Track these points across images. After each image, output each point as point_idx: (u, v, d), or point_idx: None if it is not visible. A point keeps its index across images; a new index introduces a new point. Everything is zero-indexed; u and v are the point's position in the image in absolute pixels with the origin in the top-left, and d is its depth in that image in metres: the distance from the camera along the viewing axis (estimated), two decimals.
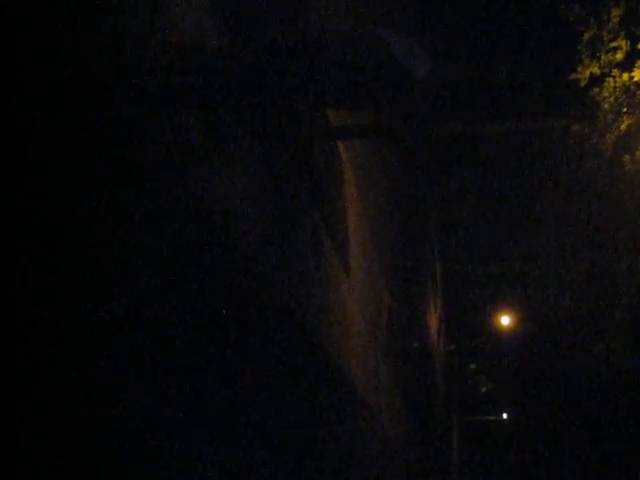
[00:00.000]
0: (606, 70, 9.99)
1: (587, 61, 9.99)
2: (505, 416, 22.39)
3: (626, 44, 9.95)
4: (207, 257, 3.32)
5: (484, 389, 22.24)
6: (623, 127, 9.77)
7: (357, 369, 7.32)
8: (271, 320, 4.46)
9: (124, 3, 2.56)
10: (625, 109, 9.80)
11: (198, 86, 3.06)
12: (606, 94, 9.83)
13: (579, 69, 10.08)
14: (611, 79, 9.95)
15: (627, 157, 9.82)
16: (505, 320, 19.50)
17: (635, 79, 9.57)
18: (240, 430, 3.92)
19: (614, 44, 10.00)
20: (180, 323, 3.12)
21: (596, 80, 10.18)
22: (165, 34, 2.89)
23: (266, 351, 4.41)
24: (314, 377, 5.64)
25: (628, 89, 9.80)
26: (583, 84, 10.19)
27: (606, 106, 9.84)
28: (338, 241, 6.60)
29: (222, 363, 3.68)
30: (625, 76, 9.87)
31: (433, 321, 16.05)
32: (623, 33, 10.03)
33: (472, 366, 21.79)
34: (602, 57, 9.95)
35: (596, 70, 9.97)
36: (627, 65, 10.03)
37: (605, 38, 10.08)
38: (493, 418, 22.44)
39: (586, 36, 10.03)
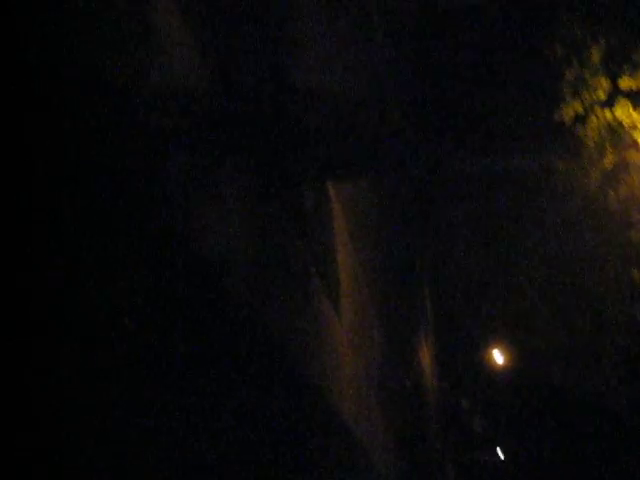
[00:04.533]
0: (589, 108, 10.17)
1: (570, 100, 10.18)
2: (500, 454, 22.23)
3: (608, 83, 10.15)
4: (194, 302, 3.36)
5: (479, 428, 22.11)
6: (607, 164, 9.92)
7: (350, 407, 7.31)
8: (261, 362, 4.48)
9: (111, 47, 2.62)
10: (609, 147, 9.95)
11: (185, 129, 3.13)
12: (590, 132, 9.99)
13: (562, 108, 10.26)
14: (594, 117, 10.13)
15: (612, 194, 9.96)
16: (499, 356, 19.48)
17: (618, 117, 9.74)
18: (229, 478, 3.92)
19: (596, 83, 10.19)
20: (169, 366, 3.14)
21: (580, 118, 10.36)
22: (155, 79, 2.95)
23: (257, 393, 4.42)
24: (305, 418, 5.64)
25: (612, 127, 9.96)
26: (567, 122, 10.36)
27: (590, 144, 9.99)
28: (328, 279, 6.65)
29: (214, 405, 3.70)
30: (608, 114, 10.04)
31: (425, 358, 16.03)
32: (604, 72, 10.23)
33: (465, 403, 21.67)
34: (585, 96, 10.13)
35: (579, 109, 10.15)
36: (610, 103, 10.22)
37: (587, 77, 10.28)
38: (489, 457, 22.27)
39: (568, 75, 10.23)
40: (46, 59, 2.22)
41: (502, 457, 22.12)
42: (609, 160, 9.89)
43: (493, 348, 19.45)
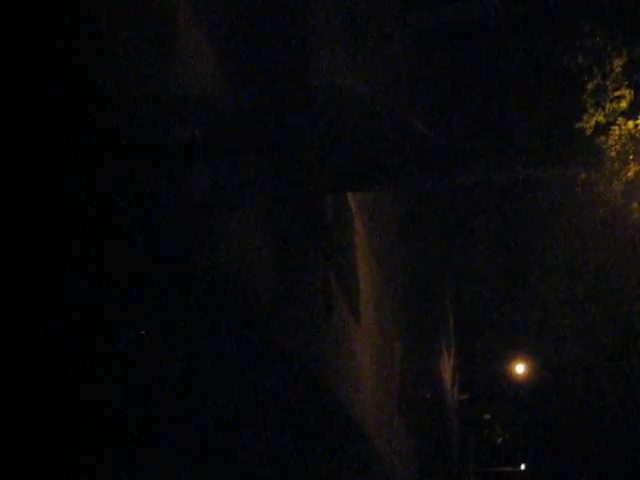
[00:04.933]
0: (611, 119, 10.11)
1: (592, 110, 10.13)
2: (522, 467, 22.01)
3: (630, 93, 10.09)
4: (218, 314, 3.37)
5: (500, 439, 21.91)
6: (630, 174, 9.84)
7: (370, 419, 7.28)
8: (283, 373, 4.48)
9: (131, 58, 2.64)
10: (631, 157, 9.88)
11: (204, 141, 3.15)
12: (612, 142, 9.91)
13: (584, 118, 10.21)
14: (616, 127, 10.06)
15: (635, 205, 9.87)
16: (520, 368, 19.33)
17: (637, 128, 9.68)
18: None
19: (618, 93, 10.14)
20: (195, 378, 3.15)
21: (602, 128, 10.30)
22: (174, 90, 2.97)
23: (279, 404, 4.42)
24: (327, 429, 5.63)
25: (634, 137, 9.89)
26: (589, 133, 10.31)
27: (612, 154, 9.91)
28: (349, 292, 6.64)
29: (237, 418, 3.70)
30: (630, 124, 9.98)
31: (447, 370, 15.94)
32: (626, 82, 10.18)
33: (487, 416, 21.49)
34: (607, 106, 10.08)
35: (601, 119, 10.10)
36: (632, 113, 10.15)
37: (609, 87, 10.23)
38: (510, 469, 22.06)
39: (590, 86, 10.19)
40: (69, 71, 2.24)
41: (523, 468, 21.92)
42: (632, 170, 9.81)
43: (515, 359, 19.31)
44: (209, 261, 3.25)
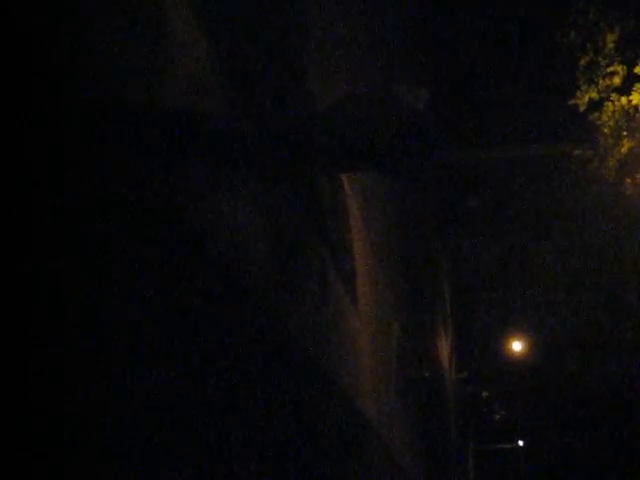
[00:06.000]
0: (604, 95, 10.12)
1: (585, 86, 10.13)
2: (521, 443, 22.19)
3: (623, 69, 10.09)
4: (212, 299, 3.36)
5: (498, 416, 22.09)
6: (624, 150, 9.86)
7: (369, 400, 7.32)
8: (279, 355, 4.49)
9: (126, 58, 2.63)
10: (625, 132, 9.90)
11: (204, 142, 3.13)
12: (605, 118, 9.94)
13: (577, 94, 10.22)
14: (610, 103, 10.07)
15: (628, 181, 9.91)
16: (517, 346, 19.43)
17: (633, 102, 9.69)
18: (248, 473, 3.93)
19: (611, 69, 10.14)
20: (186, 364, 3.15)
21: (595, 105, 10.31)
22: (168, 99, 2.95)
23: (276, 389, 4.43)
24: (325, 411, 5.65)
25: (627, 113, 9.91)
26: (582, 109, 10.32)
27: (606, 130, 9.94)
28: (345, 272, 6.65)
29: (233, 404, 3.71)
30: (624, 100, 9.99)
31: (444, 349, 16.02)
32: (619, 58, 10.17)
33: (485, 393, 21.65)
34: (600, 82, 10.08)
35: (594, 95, 10.10)
36: (625, 89, 10.16)
37: (602, 63, 10.22)
38: (508, 446, 22.24)
39: (582, 62, 10.18)
40: (62, 72, 2.23)
41: (521, 444, 22.10)
42: (625, 146, 9.84)
43: (512, 337, 19.41)
44: (206, 245, 3.24)
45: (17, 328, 1.99)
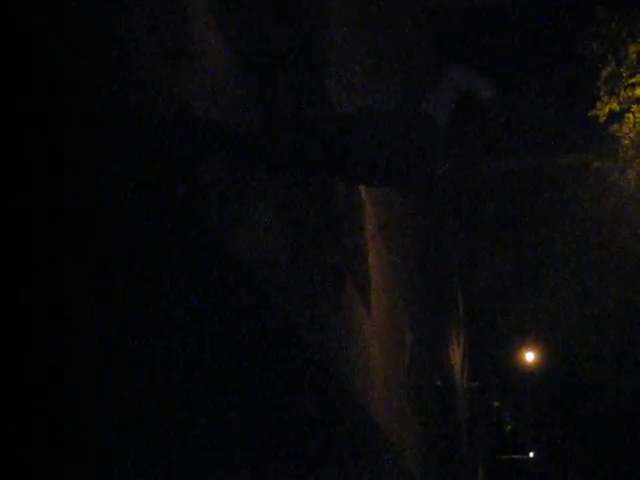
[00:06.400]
0: (625, 106, 10.04)
1: (605, 98, 10.05)
2: (532, 455, 22.06)
3: None
4: (229, 305, 3.36)
5: (509, 427, 21.97)
6: None
7: (381, 408, 7.29)
8: (295, 362, 4.47)
9: (149, 64, 2.62)
10: None
11: (226, 146, 3.12)
12: (626, 130, 9.85)
13: (598, 106, 10.13)
14: (631, 115, 9.99)
15: None
16: (530, 356, 19.32)
17: None
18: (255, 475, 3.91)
19: (632, 80, 10.05)
20: (203, 366, 3.14)
21: (616, 116, 10.23)
22: (192, 104, 2.94)
23: (290, 394, 4.42)
24: (338, 418, 5.63)
25: None
26: (602, 120, 10.24)
27: (626, 142, 9.86)
28: (359, 280, 6.62)
29: (245, 407, 3.70)
30: None
31: (456, 357, 15.95)
32: None
33: (496, 403, 21.54)
34: (621, 93, 10.00)
35: (615, 106, 10.02)
36: None
37: (624, 74, 10.14)
38: (519, 457, 22.12)
39: (604, 73, 10.10)
40: (83, 78, 2.22)
41: (532, 455, 21.96)
42: None
43: (524, 347, 19.30)
44: (225, 249, 3.23)
45: (18, 328, 1.97)
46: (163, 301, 2.73)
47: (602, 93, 10.05)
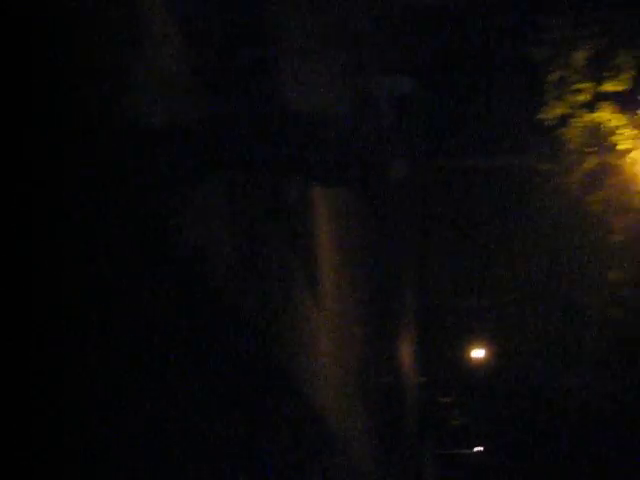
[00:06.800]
0: (572, 111, 10.27)
1: (553, 102, 10.27)
2: (479, 449, 22.37)
3: (591, 85, 10.25)
4: (177, 293, 3.41)
5: (457, 422, 22.27)
6: (587, 167, 10.02)
7: (328, 401, 7.38)
8: (240, 353, 4.53)
9: (100, 47, 2.64)
10: (590, 149, 10.05)
11: (171, 128, 3.17)
12: (571, 134, 10.08)
13: (545, 109, 10.35)
14: (577, 119, 10.23)
15: (590, 197, 10.05)
16: (479, 353, 19.59)
17: (597, 121, 9.84)
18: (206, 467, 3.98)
19: (580, 86, 10.29)
20: (152, 356, 3.20)
21: (563, 120, 10.46)
22: (140, 98, 2.96)
23: (237, 389, 4.48)
24: (282, 410, 5.70)
25: (592, 130, 10.07)
26: (550, 124, 10.46)
27: (572, 146, 10.09)
28: (310, 274, 6.71)
29: (193, 392, 3.75)
30: (590, 116, 10.15)
31: (407, 354, 16.15)
32: (588, 75, 10.33)
33: (446, 399, 21.81)
34: (568, 98, 10.22)
35: (562, 111, 10.24)
36: (592, 106, 10.32)
37: (571, 79, 10.37)
38: (467, 451, 22.43)
39: (552, 77, 10.31)
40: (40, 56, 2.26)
41: (481, 449, 22.26)
42: (590, 163, 10.00)
43: (475, 345, 19.57)
44: (171, 240, 3.27)
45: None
46: (110, 288, 2.78)
47: (550, 97, 10.27)
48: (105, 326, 2.70)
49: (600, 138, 9.92)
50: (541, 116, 10.39)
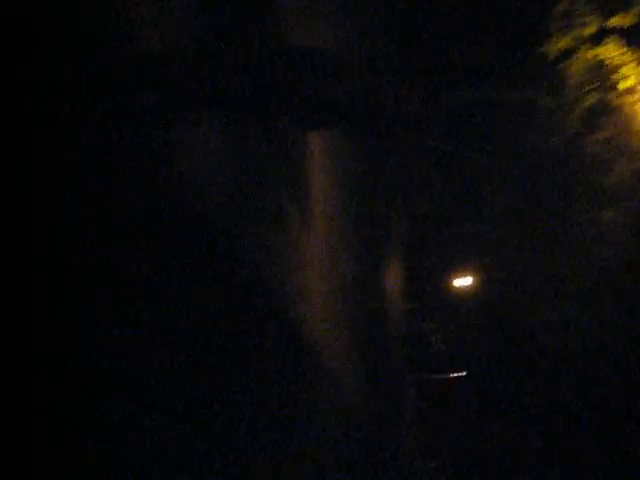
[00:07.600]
0: (575, 45, 10.06)
1: (557, 35, 10.05)
2: (461, 374, 22.80)
3: (597, 20, 10.01)
4: (170, 223, 3.38)
5: (443, 347, 22.65)
6: (587, 105, 9.88)
7: (317, 327, 7.47)
8: (232, 280, 4.55)
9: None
10: (592, 85, 9.89)
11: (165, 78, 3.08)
12: (574, 69, 9.90)
13: (549, 43, 10.14)
14: (580, 54, 10.03)
15: (590, 137, 9.94)
16: (467, 281, 19.74)
17: (601, 56, 9.65)
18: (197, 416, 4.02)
19: (585, 19, 10.05)
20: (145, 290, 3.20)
21: (566, 55, 10.25)
22: (133, 43, 2.87)
23: (229, 318, 4.51)
24: (271, 338, 5.76)
25: (596, 65, 9.88)
26: (552, 58, 10.26)
27: (573, 81, 9.92)
28: (301, 203, 6.71)
29: (187, 324, 3.77)
30: (594, 52, 9.94)
31: (393, 281, 16.29)
32: (595, 8, 10.08)
33: (432, 325, 22.13)
34: (572, 32, 10.00)
35: (565, 45, 10.02)
36: (597, 40, 10.10)
37: (577, 12, 10.12)
38: (448, 375, 22.88)
39: (557, 10, 10.07)
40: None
41: (462, 374, 22.68)
42: (590, 100, 9.86)
43: (462, 274, 19.71)
44: (167, 171, 3.23)
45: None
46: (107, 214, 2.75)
47: (553, 30, 10.03)
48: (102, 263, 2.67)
49: (602, 75, 9.75)
50: (544, 49, 10.18)
